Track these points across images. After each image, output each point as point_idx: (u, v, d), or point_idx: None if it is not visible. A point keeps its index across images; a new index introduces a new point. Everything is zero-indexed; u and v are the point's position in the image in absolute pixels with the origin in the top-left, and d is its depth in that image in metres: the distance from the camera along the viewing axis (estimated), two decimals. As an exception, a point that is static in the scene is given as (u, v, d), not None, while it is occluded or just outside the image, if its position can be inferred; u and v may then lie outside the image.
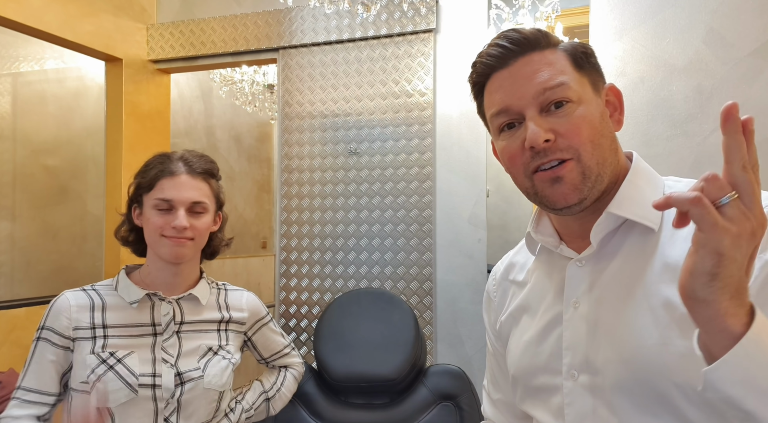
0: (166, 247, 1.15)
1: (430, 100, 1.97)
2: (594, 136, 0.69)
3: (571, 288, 0.74)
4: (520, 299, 0.83)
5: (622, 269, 0.70)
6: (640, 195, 0.71)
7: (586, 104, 0.70)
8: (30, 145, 2.57)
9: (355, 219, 2.04)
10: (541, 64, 0.70)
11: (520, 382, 0.80)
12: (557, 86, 0.69)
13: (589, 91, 0.71)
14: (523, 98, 0.70)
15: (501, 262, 0.93)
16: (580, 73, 0.72)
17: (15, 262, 2.49)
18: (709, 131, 1.67)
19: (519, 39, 0.71)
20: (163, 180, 1.16)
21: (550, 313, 0.76)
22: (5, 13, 1.87)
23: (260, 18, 2.20)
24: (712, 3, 1.67)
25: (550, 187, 0.70)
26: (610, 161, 0.71)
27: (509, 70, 0.72)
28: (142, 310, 1.18)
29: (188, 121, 3.24)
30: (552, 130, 0.68)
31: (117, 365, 1.11)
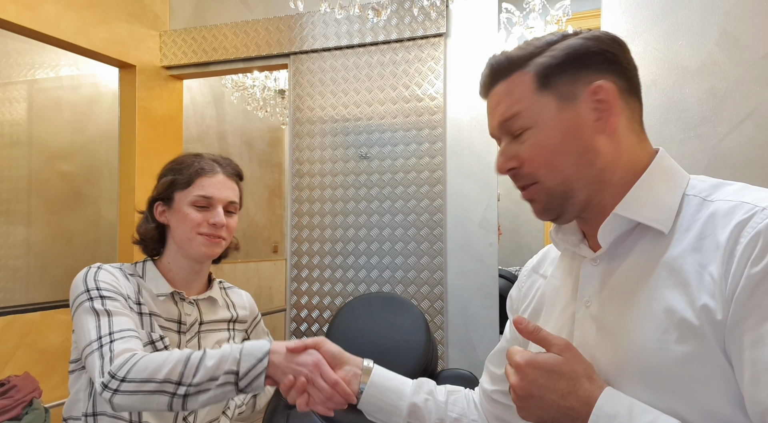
0: (201, 245, 1.16)
1: (440, 104, 1.97)
2: (550, 159, 0.70)
3: (585, 287, 0.73)
4: (541, 293, 0.85)
5: (630, 271, 0.69)
6: (653, 196, 0.69)
7: (542, 128, 0.70)
8: (45, 151, 2.60)
9: (366, 223, 2.05)
10: (501, 97, 0.73)
11: None
12: (509, 118, 0.72)
13: (550, 111, 0.70)
14: (494, 130, 0.76)
15: (536, 254, 0.94)
16: (542, 92, 0.70)
17: (30, 266, 2.53)
18: (723, 134, 1.65)
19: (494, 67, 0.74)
20: (203, 178, 1.17)
21: (567, 311, 0.76)
22: (21, 21, 1.90)
23: (271, 24, 2.21)
24: (725, 5, 1.65)
25: (531, 205, 0.76)
26: (581, 175, 0.70)
27: (488, 101, 0.78)
28: (168, 306, 1.17)
29: (200, 127, 3.27)
30: (515, 157, 0.73)
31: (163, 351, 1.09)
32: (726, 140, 1.65)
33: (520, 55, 0.72)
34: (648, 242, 0.68)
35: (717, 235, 0.62)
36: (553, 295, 0.81)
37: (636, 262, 0.69)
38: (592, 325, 0.71)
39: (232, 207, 1.21)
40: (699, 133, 1.68)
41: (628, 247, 0.70)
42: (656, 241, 0.68)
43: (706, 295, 0.60)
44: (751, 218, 0.60)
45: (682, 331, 0.61)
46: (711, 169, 1.66)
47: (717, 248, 0.61)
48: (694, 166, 1.67)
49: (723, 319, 0.58)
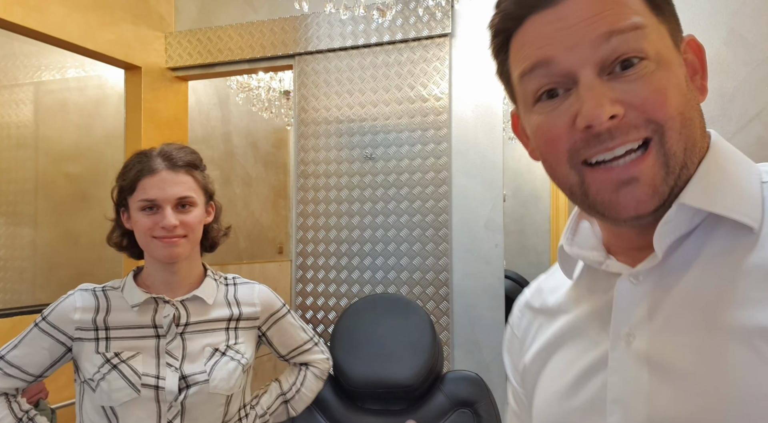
0: (159, 249, 1.12)
1: (445, 104, 1.96)
2: (684, 108, 0.48)
3: (622, 314, 0.51)
4: (552, 334, 0.60)
5: (700, 286, 0.47)
6: (728, 181, 0.49)
7: (668, 63, 0.48)
8: (51, 152, 2.62)
9: (371, 224, 2.04)
10: (603, 2, 0.47)
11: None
12: (630, 30, 0.46)
13: (670, 45, 0.49)
14: (576, 48, 0.47)
15: (528, 288, 0.70)
16: (659, 18, 0.49)
17: (37, 267, 2.54)
18: (731, 133, 1.64)
19: None
20: (143, 180, 1.12)
21: (593, 353, 0.53)
22: (28, 23, 1.91)
23: (276, 25, 2.21)
24: (733, 4, 1.64)
25: (615, 192, 0.48)
26: (699, 146, 0.50)
27: (555, 12, 0.48)
28: (144, 313, 1.16)
29: (206, 128, 3.27)
30: (621, 101, 0.46)
31: (121, 365, 1.11)
32: (734, 140, 1.63)
33: None
34: (722, 244, 0.48)
35: None
36: (569, 331, 0.57)
37: (708, 272, 0.47)
38: (642, 368, 0.48)
39: (185, 202, 1.14)
40: (707, 132, 1.66)
41: (690, 254, 0.49)
42: (735, 240, 0.47)
43: None
44: None
45: None
46: (719, 169, 1.64)
47: None
48: (702, 166, 1.66)
49: None
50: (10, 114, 2.49)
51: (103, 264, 2.75)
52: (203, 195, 1.19)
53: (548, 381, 0.59)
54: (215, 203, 1.26)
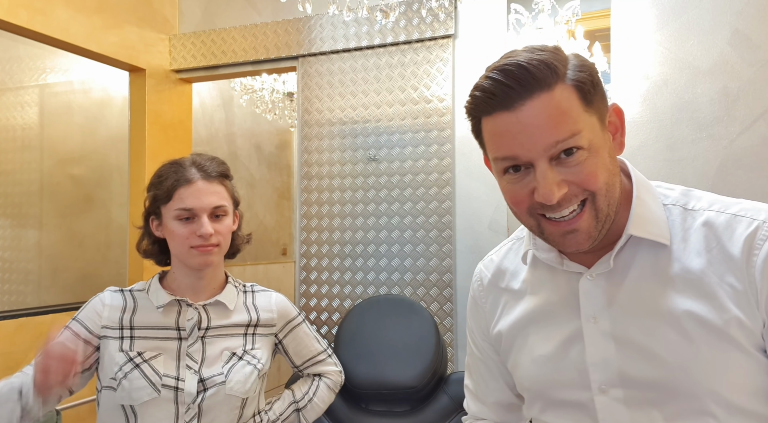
0: (195, 257, 1.16)
1: (449, 105, 1.96)
2: (608, 178, 0.68)
3: (589, 303, 0.74)
4: (524, 311, 0.82)
5: (640, 284, 0.71)
6: (650, 212, 0.72)
7: (597, 147, 0.67)
8: (56, 154, 2.63)
9: (375, 225, 2.04)
10: (550, 111, 0.64)
11: (538, 396, 0.80)
12: (570, 137, 0.65)
13: (597, 130, 0.68)
14: (533, 150, 0.66)
15: (485, 266, 0.91)
16: (588, 111, 0.67)
17: (42, 269, 2.55)
18: (735, 134, 1.63)
19: (524, 76, 0.64)
20: (180, 189, 1.15)
21: (567, 329, 0.76)
22: (33, 26, 1.91)
23: (280, 27, 2.22)
24: (737, 4, 1.64)
25: (562, 237, 0.70)
26: (618, 194, 0.71)
27: (516, 115, 0.65)
28: (168, 315, 1.19)
29: (210, 130, 3.28)
30: (564, 181, 0.66)
31: (143, 364, 1.13)
32: (738, 140, 1.63)
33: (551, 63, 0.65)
34: (648, 254, 0.71)
35: (725, 247, 0.68)
36: (538, 312, 0.79)
37: (643, 274, 0.71)
38: (609, 341, 0.72)
39: (219, 211, 1.18)
40: (711, 133, 1.66)
41: (626, 261, 0.72)
42: (657, 252, 0.71)
43: (732, 305, 0.66)
44: (756, 232, 0.67)
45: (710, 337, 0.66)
46: (723, 169, 1.64)
47: (730, 260, 0.67)
48: (706, 166, 1.65)
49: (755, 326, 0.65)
50: (15, 116, 2.50)
51: (108, 265, 2.76)
52: (232, 204, 1.24)
53: (530, 346, 0.80)
54: (239, 211, 1.29)
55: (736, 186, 1.62)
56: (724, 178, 1.64)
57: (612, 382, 0.71)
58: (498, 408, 0.93)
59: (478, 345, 0.93)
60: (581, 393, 0.74)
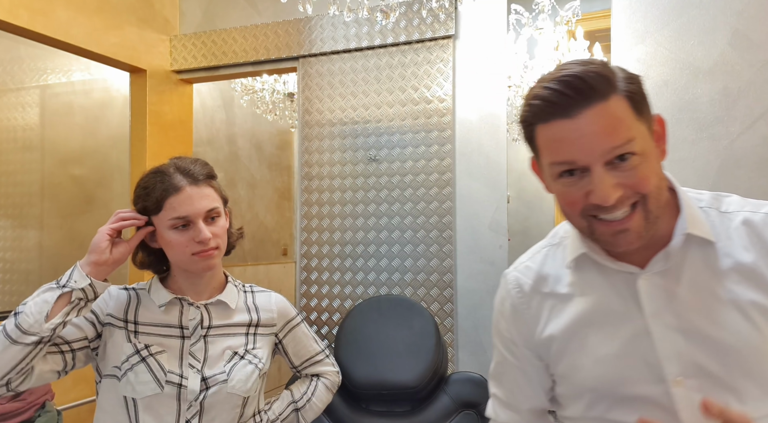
0: (198, 263, 1.16)
1: (449, 106, 1.96)
2: (658, 182, 0.74)
3: (651, 301, 0.78)
4: (577, 313, 0.83)
5: (697, 279, 0.77)
6: (696, 213, 0.79)
7: (648, 153, 0.73)
8: (57, 155, 2.63)
9: (375, 226, 2.04)
10: (608, 120, 0.70)
11: (605, 395, 0.81)
12: (625, 143, 0.70)
13: (648, 137, 0.73)
14: (591, 155, 0.71)
15: (522, 273, 0.92)
16: (640, 119, 0.72)
17: (43, 269, 2.55)
18: (735, 134, 1.63)
19: (583, 87, 0.70)
20: (170, 198, 1.13)
21: (631, 327, 0.79)
22: (34, 27, 1.92)
23: (280, 27, 2.22)
24: (737, 4, 1.64)
25: (613, 237, 0.75)
26: (665, 198, 0.76)
27: (575, 123, 0.71)
28: (170, 313, 1.19)
29: (210, 130, 3.29)
30: (619, 184, 0.71)
31: (149, 358, 1.13)
32: (739, 140, 1.63)
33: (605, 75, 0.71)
34: (696, 253, 0.78)
35: None
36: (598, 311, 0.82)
37: (697, 271, 0.77)
38: (677, 334, 0.76)
39: (213, 213, 1.17)
40: (711, 133, 1.66)
41: (678, 260, 0.78)
42: (704, 250, 0.77)
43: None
44: None
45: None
46: (724, 169, 1.64)
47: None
48: (707, 166, 1.65)
49: None
50: (16, 117, 2.50)
51: (109, 266, 2.76)
52: (222, 203, 1.22)
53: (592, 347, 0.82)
54: (228, 208, 1.28)
55: (736, 186, 1.62)
56: (724, 178, 1.64)
57: (686, 373, 0.75)
58: (531, 415, 0.93)
59: (515, 352, 0.92)
60: (654, 387, 0.77)
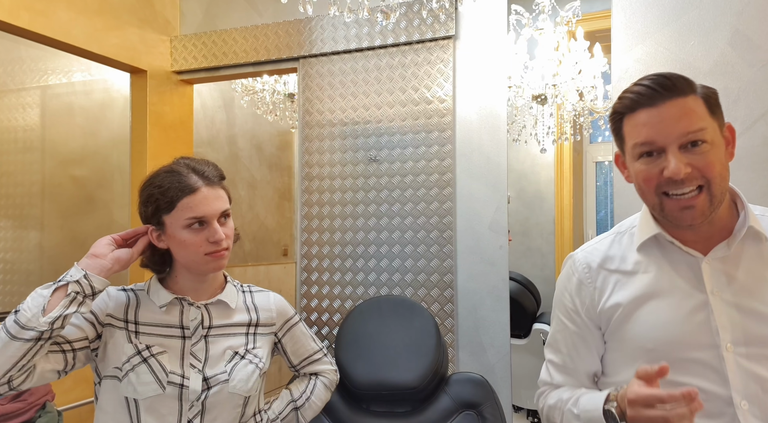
0: (210, 263, 1.16)
1: (449, 106, 1.97)
2: (722, 171, 0.89)
3: (713, 280, 0.94)
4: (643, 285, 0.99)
5: (753, 266, 0.94)
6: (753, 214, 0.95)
7: (717, 145, 0.89)
8: (58, 155, 2.63)
9: (376, 226, 2.05)
10: (685, 110, 0.88)
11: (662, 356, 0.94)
12: (698, 131, 0.87)
13: (718, 133, 0.90)
14: (669, 137, 0.88)
15: (589, 254, 1.08)
16: (712, 117, 0.90)
17: (43, 270, 2.55)
18: (737, 134, 1.63)
19: (667, 83, 0.88)
20: (186, 198, 1.13)
21: (693, 300, 0.95)
22: (34, 27, 1.92)
23: (281, 28, 2.22)
24: (737, 4, 1.64)
25: (680, 212, 0.90)
26: (727, 187, 0.93)
27: (658, 110, 0.89)
28: (171, 313, 1.20)
29: (211, 131, 3.29)
30: (689, 164, 0.87)
31: (150, 359, 1.13)
32: (739, 141, 1.63)
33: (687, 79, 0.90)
34: (752, 246, 0.95)
35: None
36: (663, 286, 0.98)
37: (753, 260, 0.94)
38: (732, 309, 0.92)
39: (226, 213, 1.19)
40: (712, 133, 1.66)
41: (737, 251, 0.95)
42: (759, 246, 0.95)
43: None
44: None
45: None
46: (724, 170, 1.64)
47: None
48: (707, 167, 1.65)
49: None
50: (17, 117, 2.51)
51: (109, 266, 2.76)
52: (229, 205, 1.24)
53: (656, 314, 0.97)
54: None
55: (737, 186, 1.62)
56: (724, 179, 1.64)
57: (737, 341, 0.91)
58: (586, 377, 1.08)
59: (577, 321, 1.08)
60: (708, 352, 0.92)
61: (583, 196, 3.12)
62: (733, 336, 0.91)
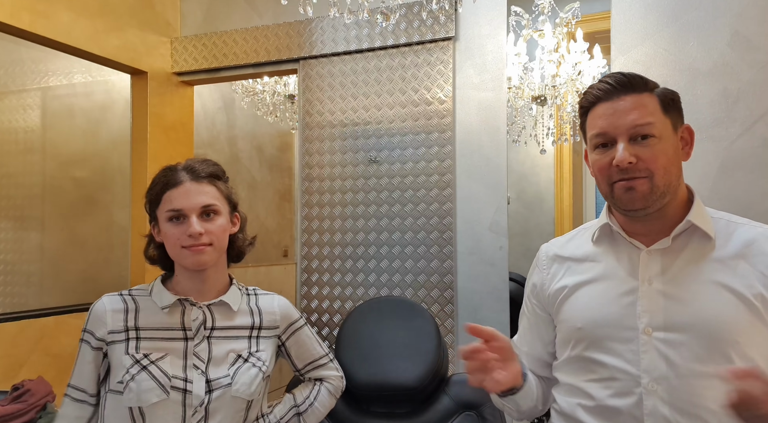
0: (188, 257, 1.16)
1: (449, 107, 1.97)
2: (667, 165, 0.94)
3: (647, 269, 0.99)
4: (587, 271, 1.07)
5: (689, 261, 0.98)
6: (704, 213, 1.00)
7: (665, 140, 0.94)
8: (59, 157, 2.64)
9: (376, 227, 2.05)
10: (636, 105, 0.94)
11: (587, 335, 1.02)
12: (645, 124, 0.93)
13: (669, 130, 0.96)
14: (619, 128, 0.94)
15: (551, 244, 1.18)
16: (665, 115, 0.96)
17: (44, 271, 2.55)
18: (735, 135, 1.63)
19: (624, 81, 0.95)
20: (169, 192, 1.17)
21: (625, 286, 1.00)
22: (35, 29, 1.92)
23: (281, 29, 2.23)
24: (736, 6, 1.64)
25: (625, 193, 0.95)
26: (674, 184, 0.97)
27: (612, 104, 0.96)
28: (173, 315, 1.19)
29: (211, 132, 3.29)
30: (635, 155, 0.93)
31: (150, 366, 1.13)
32: (738, 142, 1.63)
33: (644, 78, 0.96)
34: (698, 242, 0.99)
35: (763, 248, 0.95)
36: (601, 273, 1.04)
37: (693, 255, 0.98)
38: (659, 297, 0.97)
39: (209, 210, 1.18)
40: (711, 134, 1.66)
41: (680, 245, 0.99)
42: (704, 242, 0.98)
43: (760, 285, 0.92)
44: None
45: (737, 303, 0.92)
46: (724, 170, 1.64)
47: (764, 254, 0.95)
48: (707, 168, 1.65)
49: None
50: (17, 119, 2.51)
51: (109, 267, 2.77)
52: (227, 205, 1.24)
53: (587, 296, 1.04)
54: (240, 214, 1.29)
55: (736, 187, 1.62)
56: (724, 180, 1.64)
57: (656, 326, 0.95)
58: (526, 357, 1.16)
59: (527, 303, 1.18)
60: (628, 333, 0.97)
61: (583, 197, 3.12)
62: (653, 321, 0.96)
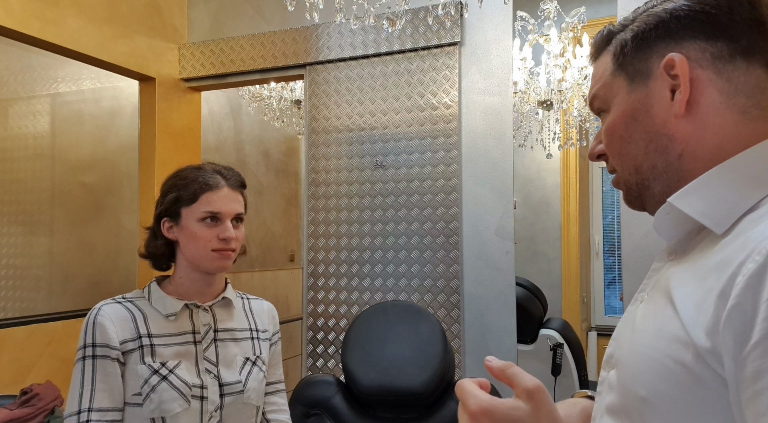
0: (215, 261, 1.16)
1: (455, 112, 1.97)
2: (619, 147, 0.63)
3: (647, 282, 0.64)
4: None
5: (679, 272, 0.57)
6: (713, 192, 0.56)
7: (613, 111, 0.64)
8: (67, 162, 2.66)
9: (382, 231, 2.05)
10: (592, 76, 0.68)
11: None
12: (592, 101, 0.67)
13: (621, 92, 0.63)
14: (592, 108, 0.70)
15: None
16: (616, 72, 0.63)
17: (53, 276, 2.57)
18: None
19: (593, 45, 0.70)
20: (208, 193, 1.16)
21: None
22: (45, 36, 1.95)
23: (288, 35, 2.24)
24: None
25: None
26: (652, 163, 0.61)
27: None
28: (180, 319, 1.17)
29: (218, 138, 3.31)
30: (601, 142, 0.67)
31: (170, 375, 1.11)
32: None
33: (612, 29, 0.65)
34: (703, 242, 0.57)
35: None
36: None
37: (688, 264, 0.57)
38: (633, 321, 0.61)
39: (240, 217, 1.21)
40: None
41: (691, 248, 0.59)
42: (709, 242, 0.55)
43: None
44: None
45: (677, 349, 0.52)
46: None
47: None
48: (714, 172, 1.65)
49: None
50: (27, 125, 2.54)
51: (117, 272, 2.78)
52: None
53: None
54: None
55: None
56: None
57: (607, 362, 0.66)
58: None
59: None
60: None
61: (590, 202, 3.11)
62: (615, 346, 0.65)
